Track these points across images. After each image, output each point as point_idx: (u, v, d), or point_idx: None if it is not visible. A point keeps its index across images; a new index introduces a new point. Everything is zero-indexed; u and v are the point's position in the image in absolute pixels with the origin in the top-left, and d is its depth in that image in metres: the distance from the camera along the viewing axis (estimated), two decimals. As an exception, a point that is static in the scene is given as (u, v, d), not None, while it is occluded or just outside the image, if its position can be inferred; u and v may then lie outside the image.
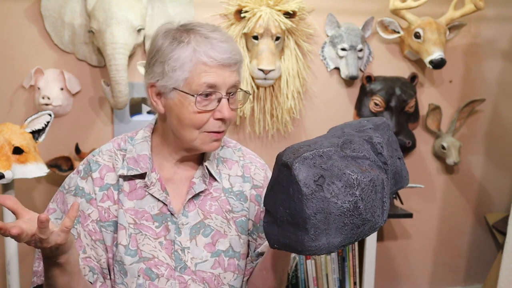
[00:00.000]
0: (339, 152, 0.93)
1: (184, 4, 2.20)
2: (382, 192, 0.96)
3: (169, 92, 1.08)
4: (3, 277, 2.10)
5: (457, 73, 2.60)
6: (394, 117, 2.41)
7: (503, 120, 2.69)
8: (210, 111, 1.07)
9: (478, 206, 2.72)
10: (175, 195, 1.15)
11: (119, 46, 1.92)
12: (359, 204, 0.90)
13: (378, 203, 0.94)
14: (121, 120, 2.20)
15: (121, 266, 1.11)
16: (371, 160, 0.96)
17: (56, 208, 1.16)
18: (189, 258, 1.13)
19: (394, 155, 1.05)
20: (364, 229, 0.93)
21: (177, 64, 1.06)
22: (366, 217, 0.91)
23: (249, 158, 1.26)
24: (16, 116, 2.09)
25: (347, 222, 0.90)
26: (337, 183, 0.89)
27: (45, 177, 2.14)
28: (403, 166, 1.09)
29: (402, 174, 1.08)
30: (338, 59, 2.39)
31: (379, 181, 0.94)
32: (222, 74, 1.07)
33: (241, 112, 2.26)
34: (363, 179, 0.91)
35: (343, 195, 0.89)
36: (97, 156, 1.17)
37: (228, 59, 1.06)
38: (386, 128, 1.06)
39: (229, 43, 1.09)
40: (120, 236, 1.11)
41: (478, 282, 2.72)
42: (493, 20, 2.60)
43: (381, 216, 0.96)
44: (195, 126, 1.08)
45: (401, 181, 1.07)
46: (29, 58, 2.10)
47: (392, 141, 1.06)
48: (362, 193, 0.90)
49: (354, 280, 2.29)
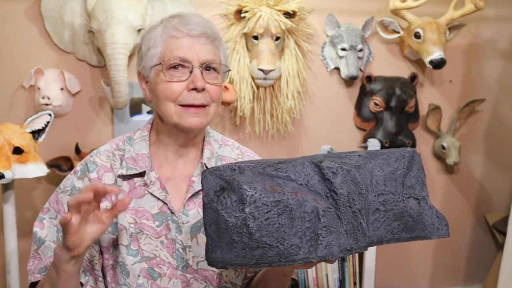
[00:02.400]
0: (258, 169, 0.87)
1: (184, 4, 2.20)
2: (315, 222, 0.84)
3: (149, 73, 1.12)
4: (3, 277, 2.10)
5: (457, 73, 2.60)
6: (394, 117, 2.41)
7: (503, 120, 2.69)
8: (181, 81, 1.08)
9: (478, 206, 2.72)
10: (175, 193, 1.15)
11: (119, 46, 1.92)
12: (249, 222, 0.83)
13: (295, 231, 0.84)
14: (121, 120, 2.20)
15: (123, 267, 1.10)
16: (300, 183, 0.86)
17: (49, 207, 1.16)
18: (190, 256, 1.13)
19: (404, 192, 0.93)
20: (266, 254, 0.83)
21: (150, 43, 1.11)
22: (262, 240, 0.83)
23: (247, 155, 1.26)
24: (16, 116, 2.09)
25: (235, 239, 0.84)
26: (232, 197, 0.85)
27: (45, 177, 2.14)
28: (426, 210, 0.94)
29: (423, 219, 0.93)
30: (338, 59, 2.39)
31: (303, 207, 0.84)
32: (193, 46, 1.08)
33: (241, 112, 2.26)
34: (263, 198, 0.83)
35: (232, 209, 0.85)
36: (94, 157, 1.16)
37: (196, 30, 1.08)
38: (400, 159, 0.93)
39: (201, 19, 1.11)
40: (121, 237, 1.11)
41: (478, 282, 2.72)
42: (493, 20, 2.60)
43: (307, 248, 0.84)
44: (168, 98, 1.09)
45: (420, 228, 0.93)
46: (29, 58, 2.10)
47: (410, 176, 0.94)
48: (254, 212, 0.83)
49: (354, 280, 2.29)
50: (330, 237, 0.85)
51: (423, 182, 0.95)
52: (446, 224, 0.97)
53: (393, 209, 0.92)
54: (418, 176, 0.95)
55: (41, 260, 1.11)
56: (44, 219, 1.15)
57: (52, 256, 1.08)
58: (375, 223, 0.91)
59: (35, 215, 2.17)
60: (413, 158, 0.96)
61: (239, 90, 2.22)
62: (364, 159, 0.92)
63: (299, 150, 2.45)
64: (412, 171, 0.95)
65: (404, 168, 0.94)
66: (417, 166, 0.96)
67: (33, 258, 1.13)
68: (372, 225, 0.91)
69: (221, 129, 2.33)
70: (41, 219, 1.15)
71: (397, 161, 0.93)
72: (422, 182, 0.95)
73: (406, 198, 0.93)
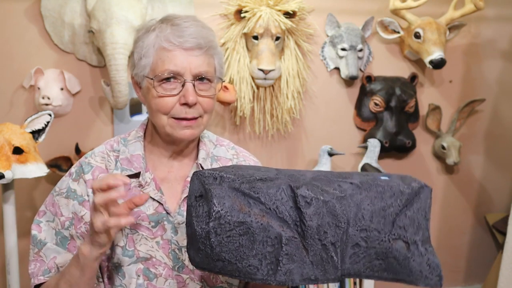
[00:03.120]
0: (236, 183, 0.87)
1: (184, 4, 2.20)
2: (277, 249, 0.84)
3: (142, 80, 1.11)
4: (3, 277, 2.10)
5: (457, 73, 2.60)
6: (394, 117, 2.41)
7: (503, 120, 2.69)
8: (173, 95, 1.06)
9: (478, 206, 2.72)
10: (170, 194, 1.15)
11: (119, 46, 1.92)
12: (211, 236, 0.86)
13: (255, 253, 0.84)
14: (121, 120, 2.20)
15: (119, 268, 1.10)
16: (268, 207, 0.85)
17: (46, 210, 1.15)
18: (186, 257, 1.12)
19: (393, 232, 0.86)
20: (226, 268, 0.86)
21: (142, 52, 1.08)
22: (221, 255, 0.85)
23: (242, 156, 1.26)
24: (16, 116, 2.09)
25: (200, 247, 0.88)
26: (205, 207, 0.88)
27: (45, 177, 2.14)
28: (416, 256, 0.85)
29: (409, 265, 0.85)
30: (338, 59, 2.39)
31: (267, 232, 0.84)
32: (185, 59, 1.05)
33: (241, 112, 2.26)
34: (228, 217, 0.85)
35: (201, 220, 0.88)
36: (89, 158, 1.16)
37: (188, 42, 1.05)
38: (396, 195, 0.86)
39: (195, 28, 1.06)
40: (117, 238, 1.11)
41: (478, 282, 2.72)
42: (493, 20, 2.60)
43: (266, 271, 0.84)
44: (161, 111, 1.08)
45: (404, 273, 0.86)
46: (29, 58, 2.10)
47: (405, 216, 0.86)
48: (217, 228, 0.85)
49: (354, 280, 2.29)
50: (292, 265, 0.84)
51: (419, 224, 0.87)
52: (438, 275, 0.88)
53: (376, 248, 0.86)
54: (415, 217, 0.87)
55: (43, 263, 1.11)
56: (41, 222, 1.14)
57: (56, 257, 1.08)
58: (353, 257, 0.87)
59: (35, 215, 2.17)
60: (417, 195, 0.88)
61: (239, 90, 2.22)
62: (354, 188, 0.87)
63: (299, 150, 2.45)
64: (409, 210, 0.87)
65: (399, 206, 0.86)
66: (419, 205, 0.87)
67: (34, 261, 1.12)
68: (350, 258, 0.87)
69: (221, 129, 2.32)
70: (38, 222, 1.15)
71: (392, 196, 0.86)
72: (418, 225, 0.87)
73: (393, 239, 0.86)
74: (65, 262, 1.08)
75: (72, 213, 1.11)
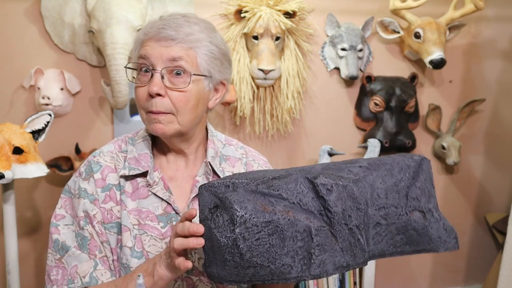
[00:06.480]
0: (252, 186, 0.86)
1: (184, 4, 2.20)
2: (308, 242, 0.83)
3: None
4: (3, 277, 2.10)
5: (457, 73, 2.60)
6: (394, 117, 2.41)
7: (503, 120, 2.69)
8: (143, 85, 1.07)
9: (478, 206, 2.72)
10: (179, 194, 1.14)
11: (119, 46, 1.92)
12: (239, 243, 0.82)
13: (286, 250, 0.83)
14: (121, 120, 2.20)
15: (127, 269, 1.09)
16: (292, 202, 0.85)
17: (65, 214, 1.13)
18: (196, 258, 1.11)
19: (408, 205, 0.89)
20: (258, 273, 0.83)
21: (133, 47, 1.13)
22: (253, 260, 0.82)
23: (251, 155, 1.25)
24: (16, 116, 2.09)
25: (227, 258, 0.84)
26: (224, 215, 0.85)
27: (45, 177, 2.14)
28: (432, 223, 0.90)
29: (428, 233, 0.89)
30: (338, 59, 2.39)
31: (295, 227, 0.83)
32: (157, 49, 1.05)
33: (241, 112, 2.26)
34: (253, 219, 0.83)
35: (224, 229, 0.84)
36: (98, 157, 1.15)
37: (161, 33, 1.04)
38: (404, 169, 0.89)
39: (177, 22, 1.05)
40: (125, 238, 1.09)
41: (478, 282, 2.72)
42: (493, 20, 2.60)
43: (300, 267, 0.83)
44: (138, 104, 1.09)
45: (425, 242, 0.90)
46: (29, 58, 2.10)
47: (415, 187, 0.90)
48: (244, 233, 0.82)
49: (354, 280, 2.29)
50: (324, 256, 0.83)
51: (429, 193, 0.90)
52: (455, 237, 0.93)
53: (396, 223, 0.89)
54: (425, 186, 0.91)
55: (65, 270, 1.09)
56: (58, 225, 1.12)
57: (77, 266, 1.07)
58: (376, 237, 0.89)
59: (35, 215, 2.17)
60: (420, 166, 0.91)
61: (239, 90, 2.22)
62: (365, 170, 0.89)
63: (299, 150, 2.45)
64: (418, 181, 0.90)
65: (408, 179, 0.90)
66: (424, 175, 0.91)
67: (56, 267, 1.10)
68: (373, 239, 0.89)
69: (221, 129, 2.32)
70: (56, 225, 1.12)
71: (401, 171, 0.89)
72: (429, 193, 0.90)
73: (410, 211, 0.89)
74: (86, 272, 1.07)
75: (84, 212, 1.10)
